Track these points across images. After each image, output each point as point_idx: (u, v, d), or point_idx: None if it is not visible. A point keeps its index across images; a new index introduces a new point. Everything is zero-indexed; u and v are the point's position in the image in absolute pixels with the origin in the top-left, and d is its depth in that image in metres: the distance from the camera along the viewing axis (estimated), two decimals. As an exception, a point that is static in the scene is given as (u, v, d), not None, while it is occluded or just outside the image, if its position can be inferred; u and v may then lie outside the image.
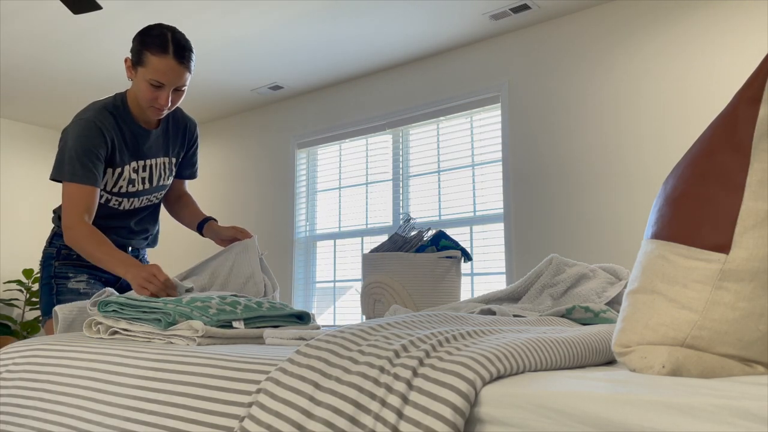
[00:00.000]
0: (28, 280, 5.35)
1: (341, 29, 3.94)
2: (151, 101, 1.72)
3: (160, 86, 1.69)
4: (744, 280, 0.69)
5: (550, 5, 3.64)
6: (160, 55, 1.66)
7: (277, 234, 5.01)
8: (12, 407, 1.29)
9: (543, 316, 1.35)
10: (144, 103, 1.73)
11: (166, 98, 1.71)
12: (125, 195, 1.85)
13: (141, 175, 1.85)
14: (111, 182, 1.81)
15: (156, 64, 1.66)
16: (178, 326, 1.25)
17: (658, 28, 3.41)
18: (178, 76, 1.69)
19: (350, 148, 4.77)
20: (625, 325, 0.77)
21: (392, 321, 0.91)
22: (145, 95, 1.71)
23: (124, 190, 1.83)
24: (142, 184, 1.86)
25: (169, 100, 1.72)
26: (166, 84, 1.69)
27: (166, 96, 1.71)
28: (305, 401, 0.74)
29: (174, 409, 0.98)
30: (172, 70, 1.68)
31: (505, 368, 0.73)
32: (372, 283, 2.05)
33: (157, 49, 1.66)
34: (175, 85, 1.70)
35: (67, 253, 1.86)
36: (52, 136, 5.97)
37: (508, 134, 3.89)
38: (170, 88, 1.71)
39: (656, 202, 0.80)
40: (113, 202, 1.85)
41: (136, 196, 1.88)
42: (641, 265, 0.78)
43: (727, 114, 0.74)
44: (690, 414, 0.55)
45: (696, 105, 3.25)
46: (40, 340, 1.39)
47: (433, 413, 0.66)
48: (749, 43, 3.12)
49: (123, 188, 1.83)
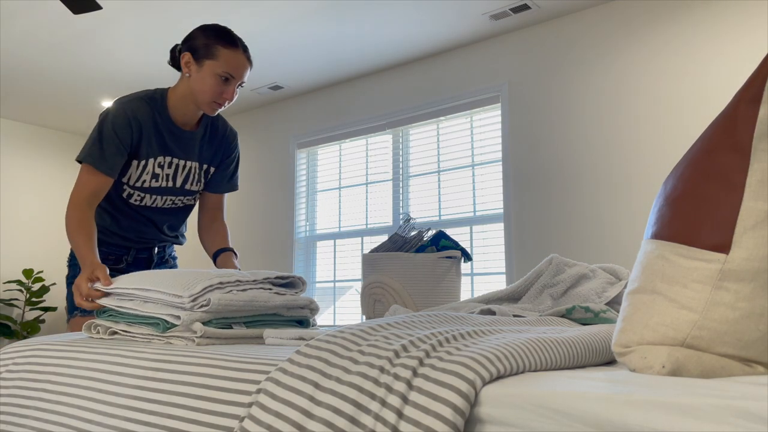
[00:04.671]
0: (28, 280, 5.35)
1: (341, 29, 3.93)
2: (217, 96, 1.70)
3: (228, 80, 1.69)
4: (744, 280, 0.69)
5: (550, 5, 3.64)
6: (232, 48, 1.68)
7: (277, 234, 5.00)
8: (12, 407, 1.29)
9: (543, 316, 1.35)
10: (207, 97, 1.71)
11: (232, 92, 1.71)
12: (148, 190, 1.82)
13: (165, 172, 1.81)
14: (135, 176, 1.78)
15: (228, 57, 1.67)
16: (177, 327, 1.25)
17: (658, 27, 3.41)
18: (245, 70, 1.72)
19: (350, 148, 4.77)
20: (625, 325, 0.77)
21: (392, 321, 0.91)
22: (212, 89, 1.69)
23: (147, 184, 1.81)
24: (165, 181, 1.83)
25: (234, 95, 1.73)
26: (236, 77, 1.70)
27: (232, 90, 1.71)
28: (305, 401, 0.74)
29: (174, 409, 0.98)
30: (242, 65, 1.70)
31: (505, 368, 0.73)
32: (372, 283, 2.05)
33: (228, 43, 1.68)
34: (242, 79, 1.72)
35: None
36: (52, 136, 5.97)
37: (508, 134, 3.89)
38: (236, 83, 1.71)
39: (656, 202, 0.80)
40: (135, 197, 1.82)
41: (158, 194, 1.84)
42: (641, 265, 0.78)
43: (727, 114, 0.74)
44: (690, 414, 0.55)
45: (696, 105, 3.25)
46: (40, 340, 1.39)
47: (433, 413, 0.66)
48: (749, 43, 3.12)
49: (146, 182, 1.80)
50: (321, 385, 0.75)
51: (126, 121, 1.71)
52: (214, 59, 1.68)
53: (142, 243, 1.94)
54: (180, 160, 1.83)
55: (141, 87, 4.88)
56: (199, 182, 1.91)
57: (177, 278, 1.29)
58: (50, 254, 5.84)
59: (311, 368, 0.77)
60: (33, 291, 5.30)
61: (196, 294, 1.24)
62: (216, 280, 1.28)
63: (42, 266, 5.76)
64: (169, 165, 1.82)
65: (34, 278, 5.34)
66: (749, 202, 0.69)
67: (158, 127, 1.77)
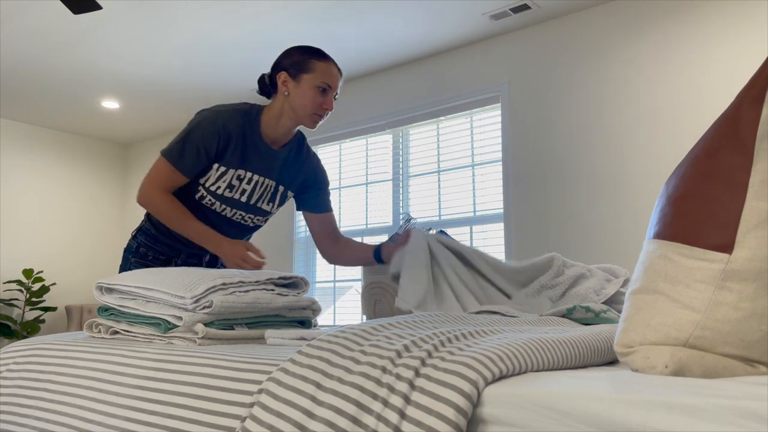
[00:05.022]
0: (28, 280, 5.35)
1: (341, 29, 3.94)
2: (317, 107, 1.78)
3: (326, 90, 1.78)
4: (747, 280, 0.69)
5: (550, 5, 3.64)
6: (325, 60, 1.79)
7: (277, 234, 5.00)
8: (12, 407, 1.28)
9: (544, 316, 1.35)
10: (308, 110, 1.78)
11: (330, 102, 1.80)
12: (220, 198, 1.84)
13: (243, 186, 1.85)
14: (213, 178, 1.82)
15: (323, 69, 1.78)
16: (179, 328, 1.25)
17: (658, 27, 3.41)
18: (339, 80, 1.82)
19: (350, 148, 4.77)
20: (627, 325, 0.77)
21: (394, 321, 0.91)
22: (313, 101, 1.77)
23: (221, 192, 1.83)
24: (240, 195, 1.86)
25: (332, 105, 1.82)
26: (332, 87, 1.79)
27: (330, 100, 1.80)
28: (307, 401, 0.74)
29: (175, 409, 0.98)
30: (336, 75, 1.81)
31: (507, 368, 0.73)
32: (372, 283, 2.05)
33: (320, 56, 1.79)
34: (336, 89, 1.81)
35: (144, 252, 1.91)
36: (52, 136, 5.97)
37: (508, 134, 3.89)
38: (333, 92, 1.81)
39: (658, 201, 0.80)
40: (207, 201, 1.85)
41: (229, 204, 1.86)
42: (643, 265, 0.78)
43: (730, 114, 0.74)
44: (693, 414, 0.55)
45: (696, 105, 3.25)
46: (40, 340, 1.39)
47: (436, 413, 0.66)
48: (749, 43, 3.12)
49: (221, 190, 1.83)
50: (323, 385, 0.75)
51: (215, 129, 1.75)
52: (310, 72, 1.77)
53: (196, 248, 1.92)
54: (259, 177, 1.87)
55: (141, 87, 4.88)
56: (272, 203, 1.94)
57: (180, 278, 1.29)
58: (50, 254, 5.84)
59: (313, 368, 0.77)
60: (33, 291, 5.30)
61: (199, 295, 1.24)
62: (219, 281, 1.28)
63: (42, 266, 5.75)
64: (248, 181, 1.85)
65: (34, 278, 5.34)
66: (752, 202, 0.69)
67: (246, 141, 1.81)
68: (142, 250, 1.90)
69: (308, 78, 1.76)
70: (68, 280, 5.94)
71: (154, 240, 1.90)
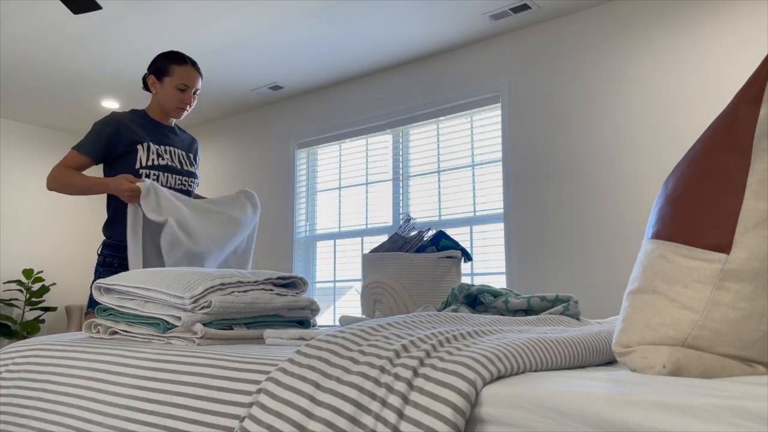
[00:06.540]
0: (28, 280, 5.35)
1: (341, 29, 3.94)
2: (179, 102, 2.20)
3: (185, 89, 2.20)
4: (745, 280, 0.69)
5: (550, 5, 3.64)
6: (182, 64, 2.20)
7: (277, 234, 5.00)
8: (12, 407, 1.28)
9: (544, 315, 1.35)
10: (172, 105, 2.21)
11: (189, 98, 2.22)
12: (160, 168, 2.17)
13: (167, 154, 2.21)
14: (144, 156, 2.15)
15: (180, 72, 2.19)
16: (178, 328, 1.25)
17: (658, 28, 3.41)
18: (196, 79, 2.22)
19: (350, 148, 4.77)
20: (625, 325, 0.77)
21: (392, 321, 0.91)
22: (174, 98, 2.20)
23: (157, 162, 2.17)
24: (171, 160, 2.21)
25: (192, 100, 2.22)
26: (190, 86, 2.20)
27: (189, 96, 2.22)
28: (306, 401, 0.74)
29: (174, 409, 0.98)
30: (193, 76, 2.21)
31: (505, 368, 0.73)
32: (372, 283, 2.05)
33: (179, 61, 2.20)
34: (195, 87, 2.22)
35: (110, 261, 2.16)
36: (52, 136, 5.98)
37: (508, 134, 3.89)
38: (192, 90, 2.22)
39: (657, 201, 0.80)
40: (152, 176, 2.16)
41: (170, 172, 2.20)
42: (642, 265, 0.78)
43: (728, 114, 0.74)
44: (691, 414, 0.55)
45: (696, 105, 3.25)
46: (40, 340, 1.39)
47: (434, 413, 0.66)
48: (749, 43, 3.12)
49: (155, 161, 2.17)
50: (321, 385, 0.75)
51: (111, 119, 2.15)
52: (170, 75, 2.19)
53: None
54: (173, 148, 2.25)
55: (141, 87, 4.88)
56: (193, 165, 2.31)
57: (179, 278, 1.29)
58: (50, 254, 5.84)
59: (312, 368, 0.77)
60: (33, 291, 5.30)
61: (198, 295, 1.24)
62: (217, 281, 1.29)
63: (42, 266, 5.76)
64: (166, 150, 2.22)
65: (34, 278, 5.34)
66: (750, 202, 0.69)
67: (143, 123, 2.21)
68: (108, 260, 2.15)
69: (168, 81, 2.19)
70: (68, 280, 5.94)
71: (116, 248, 2.16)
